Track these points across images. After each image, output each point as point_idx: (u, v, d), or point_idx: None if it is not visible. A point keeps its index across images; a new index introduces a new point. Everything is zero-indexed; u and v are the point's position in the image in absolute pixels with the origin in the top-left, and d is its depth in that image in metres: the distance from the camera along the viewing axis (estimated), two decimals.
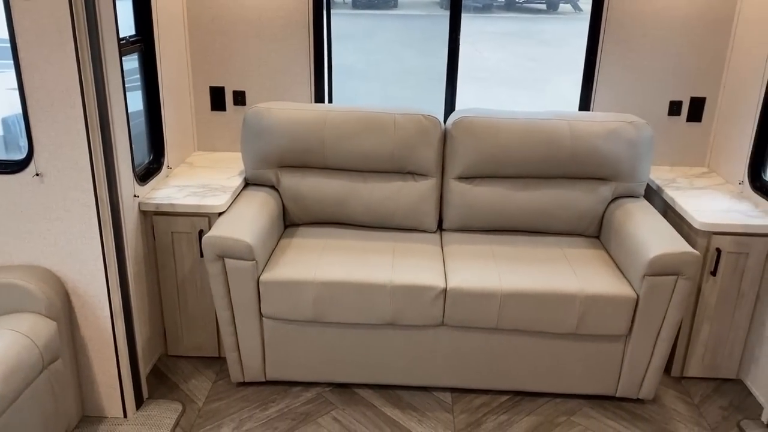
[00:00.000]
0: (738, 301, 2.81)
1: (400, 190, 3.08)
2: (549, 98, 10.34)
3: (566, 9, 17.51)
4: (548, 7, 17.64)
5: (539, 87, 10.98)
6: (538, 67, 12.41)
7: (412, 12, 18.36)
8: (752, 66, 2.98)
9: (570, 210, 3.04)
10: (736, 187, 3.07)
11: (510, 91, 10.68)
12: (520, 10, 17.85)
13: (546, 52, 13.60)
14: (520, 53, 13.39)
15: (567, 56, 13.29)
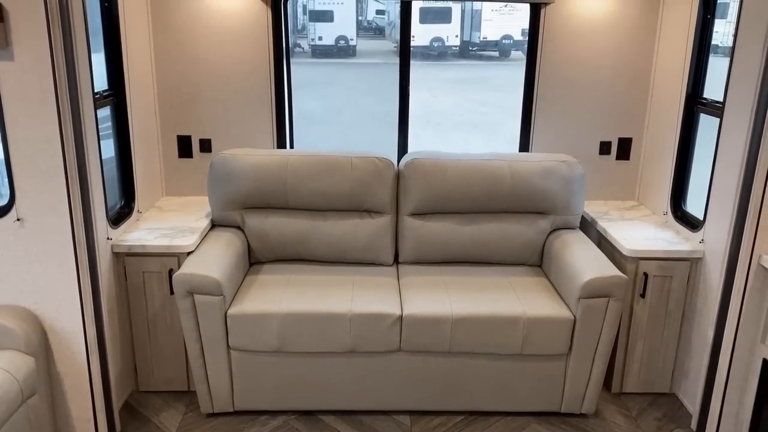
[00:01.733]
0: (666, 320, 3.10)
1: (357, 227, 3.32)
2: (501, 140, 10.83)
3: (517, 56, 18.32)
4: (500, 54, 18.43)
5: (492, 130, 11.49)
6: (491, 111, 12.96)
7: (369, 60, 18.97)
8: (669, 110, 3.35)
9: (513, 241, 3.32)
10: (661, 218, 3.40)
11: (465, 135, 11.13)
12: (474, 57, 18.61)
13: (498, 97, 14.20)
14: (474, 98, 13.96)
15: (518, 101, 13.86)
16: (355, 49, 19.78)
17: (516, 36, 18.15)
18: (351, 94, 14.38)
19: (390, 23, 21.28)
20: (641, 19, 3.44)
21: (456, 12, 17.97)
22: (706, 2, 3.05)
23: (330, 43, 19.14)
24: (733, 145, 2.71)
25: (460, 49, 18.55)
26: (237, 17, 3.43)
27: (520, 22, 17.94)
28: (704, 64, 3.14)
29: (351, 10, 19.20)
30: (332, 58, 18.85)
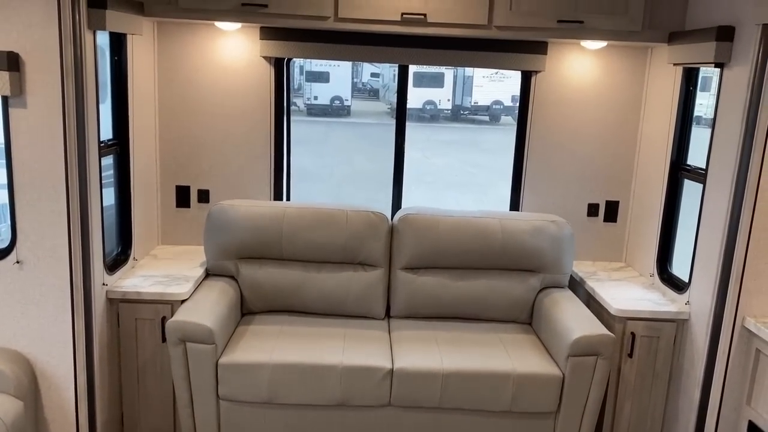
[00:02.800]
0: (654, 380, 3.13)
1: (351, 280, 3.36)
2: (491, 201, 10.99)
3: (507, 121, 18.75)
4: (491, 119, 18.88)
5: (482, 190, 11.68)
6: (480, 173, 13.19)
7: (364, 120, 19.35)
8: (654, 175, 3.47)
9: (503, 298, 3.38)
10: (647, 279, 3.47)
11: (455, 194, 11.30)
12: (465, 121, 19.05)
13: (488, 159, 14.48)
14: (465, 160, 14.22)
15: (507, 163, 14.13)
16: (350, 109, 20.18)
17: (506, 102, 18.62)
18: (344, 152, 14.61)
19: (384, 86, 21.80)
20: (628, 89, 3.60)
21: (448, 77, 18.48)
22: (689, 76, 3.21)
23: (325, 103, 19.53)
24: (716, 210, 2.82)
25: (452, 113, 18.99)
26: (241, 75, 3.56)
27: (510, 88, 18.44)
28: (687, 133, 3.28)
29: (347, 72, 19.68)
30: (327, 117, 19.22)
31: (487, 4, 3.17)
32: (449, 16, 3.18)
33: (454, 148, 15.63)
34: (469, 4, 3.17)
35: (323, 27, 3.23)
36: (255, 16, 3.16)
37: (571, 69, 3.58)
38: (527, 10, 3.17)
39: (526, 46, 3.51)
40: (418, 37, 3.46)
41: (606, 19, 3.17)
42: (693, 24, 3.14)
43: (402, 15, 3.18)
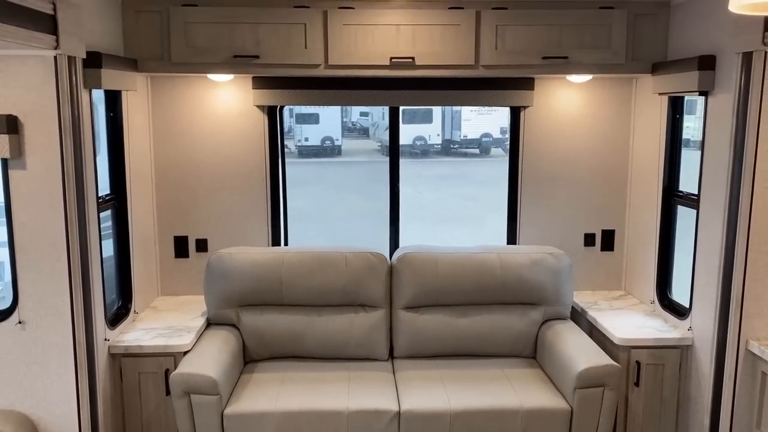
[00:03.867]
0: (662, 408, 3.11)
1: (352, 322, 3.36)
2: (486, 233, 11.02)
3: (498, 153, 18.92)
4: (481, 151, 19.06)
5: (476, 224, 11.72)
6: (474, 206, 13.25)
7: (355, 159, 19.49)
8: (647, 203, 3.51)
9: (506, 333, 3.37)
10: (648, 307, 3.48)
11: (449, 228, 11.33)
12: (456, 154, 19.21)
13: (481, 192, 14.55)
14: (458, 193, 14.29)
15: (500, 195, 14.21)
16: (341, 148, 20.35)
17: (495, 134, 18.81)
18: (337, 192, 14.68)
19: (374, 124, 22.01)
20: (615, 119, 3.67)
21: (437, 113, 18.70)
22: (675, 104, 3.28)
23: (316, 144, 19.70)
24: (711, 235, 2.85)
25: (442, 147, 19.16)
26: (234, 124, 3.61)
27: (498, 120, 18.64)
28: (677, 160, 3.33)
29: (336, 113, 19.90)
30: (318, 157, 19.36)
31: (473, 45, 3.25)
32: (437, 58, 3.26)
33: (446, 182, 15.72)
34: (455, 46, 3.25)
35: (314, 74, 3.30)
36: (247, 67, 3.22)
37: (559, 102, 3.65)
38: (512, 48, 3.25)
39: (513, 82, 3.58)
40: (407, 79, 3.53)
41: (590, 53, 3.25)
42: (675, 54, 3.22)
43: (391, 59, 3.25)
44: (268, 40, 3.22)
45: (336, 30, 3.23)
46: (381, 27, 3.24)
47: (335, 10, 3.22)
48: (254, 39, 3.21)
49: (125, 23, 3.17)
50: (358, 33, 3.24)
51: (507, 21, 3.23)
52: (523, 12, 3.23)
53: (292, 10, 3.21)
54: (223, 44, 3.20)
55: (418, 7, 3.24)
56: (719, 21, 2.82)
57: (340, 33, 3.23)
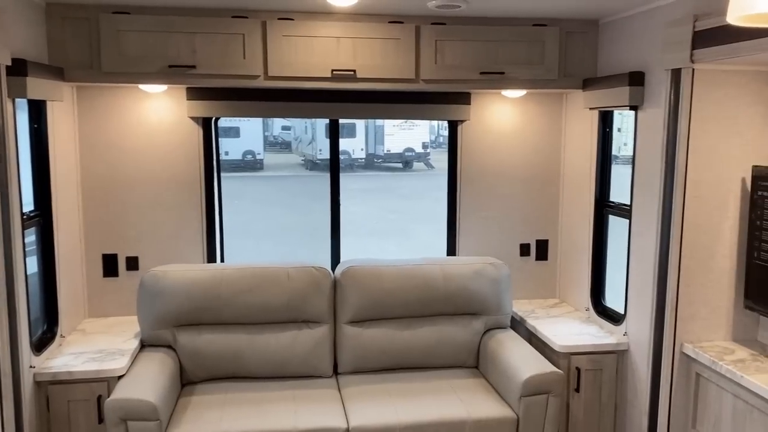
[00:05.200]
0: (600, 412, 3.21)
1: (295, 339, 3.28)
2: (413, 245, 11.12)
3: (420, 167, 19.25)
4: (404, 165, 19.29)
5: (403, 236, 11.80)
6: (399, 218, 13.35)
7: (278, 173, 19.25)
8: (579, 213, 3.63)
9: (450, 344, 3.39)
10: (583, 313, 3.59)
11: (377, 241, 11.35)
12: (380, 168, 19.35)
13: (406, 205, 14.70)
14: (383, 206, 14.37)
15: (424, 207, 14.45)
16: (263, 162, 20.08)
17: (417, 149, 19.13)
18: (261, 207, 14.43)
19: (296, 138, 21.86)
20: (547, 132, 3.79)
21: (360, 127, 18.80)
22: (604, 118, 3.42)
23: (237, 158, 19.33)
24: (645, 243, 2.98)
25: (366, 161, 19.26)
26: (167, 136, 3.48)
27: (419, 136, 18.99)
28: (608, 171, 3.48)
29: (257, 126, 19.63)
30: (240, 172, 18.99)
31: (413, 59, 3.28)
32: (378, 71, 3.26)
33: (371, 196, 15.78)
34: (396, 59, 3.26)
35: (253, 86, 3.22)
36: (183, 77, 3.11)
37: (495, 117, 3.73)
38: (451, 63, 3.30)
39: (451, 97, 3.63)
40: (347, 92, 3.51)
41: (525, 69, 3.35)
42: (604, 71, 3.36)
43: (332, 71, 3.22)
44: (204, 49, 3.12)
45: (276, 41, 3.18)
46: (321, 39, 3.21)
47: (274, 20, 3.17)
48: (190, 48, 3.11)
49: (50, 30, 3.00)
50: (298, 44, 3.20)
51: (445, 36, 3.28)
52: (460, 28, 3.29)
53: (229, 20, 3.14)
54: (157, 53, 3.08)
55: (359, 20, 3.24)
56: (647, 39, 2.97)
57: (279, 44, 3.18)
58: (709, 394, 2.65)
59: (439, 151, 22.26)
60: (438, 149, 22.53)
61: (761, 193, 2.60)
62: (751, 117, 2.68)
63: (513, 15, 3.28)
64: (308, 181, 18.25)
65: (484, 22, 3.31)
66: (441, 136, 23.12)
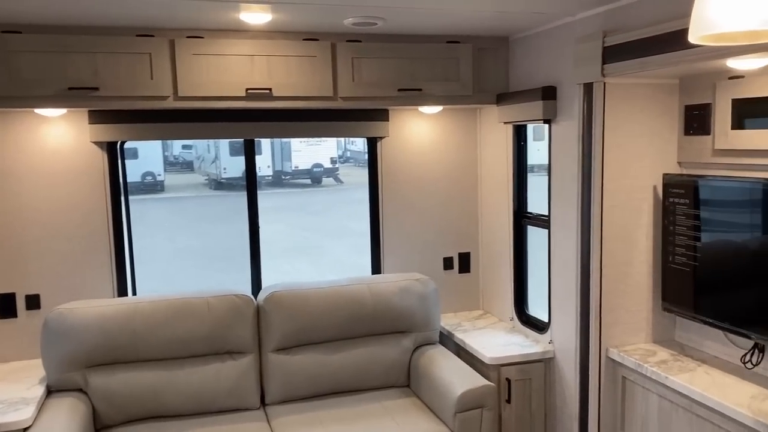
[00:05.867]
0: (532, 422, 3.25)
1: (219, 372, 3.12)
2: (328, 262, 11.01)
3: (329, 182, 19.18)
4: (312, 181, 19.15)
5: (317, 253, 11.67)
6: (312, 236, 13.21)
7: (180, 194, 18.60)
8: (498, 224, 3.70)
9: (380, 364, 3.34)
10: (508, 324, 3.65)
11: (291, 260, 11.16)
12: (288, 185, 19.11)
13: (317, 222, 14.58)
14: (294, 224, 14.18)
15: (336, 223, 14.39)
16: (164, 184, 19.37)
17: (326, 164, 19.06)
18: (164, 231, 13.86)
19: (198, 157, 21.24)
20: (464, 147, 3.83)
21: (266, 144, 18.53)
22: (519, 131, 3.50)
23: (136, 180, 18.54)
24: (566, 252, 3.05)
25: (274, 179, 18.97)
26: (68, 163, 3.24)
27: (327, 151, 18.94)
28: (524, 183, 3.56)
29: (157, 146, 18.92)
30: (139, 194, 18.21)
31: (331, 77, 3.23)
32: (295, 90, 3.18)
33: (281, 214, 15.54)
34: (313, 77, 3.20)
35: (162, 107, 3.06)
36: (85, 100, 2.91)
37: (413, 133, 3.74)
38: (369, 81, 3.27)
39: (370, 114, 3.61)
40: (263, 111, 3.41)
41: (441, 85, 3.37)
42: (516, 86, 3.44)
43: (247, 90, 3.12)
44: (108, 70, 2.94)
45: (185, 60, 3.03)
46: (234, 57, 3.10)
47: (183, 39, 3.03)
48: (91, 69, 2.92)
49: None
50: (209, 63, 3.07)
51: (362, 54, 3.25)
52: (376, 45, 3.27)
53: (134, 39, 2.96)
54: (55, 75, 2.86)
55: (273, 37, 3.16)
56: (557, 54, 3.07)
57: (189, 63, 3.04)
58: (636, 396, 2.73)
59: (347, 166, 22.34)
60: (346, 164, 22.61)
61: (672, 199, 2.72)
62: (659, 127, 2.81)
63: (427, 32, 3.30)
64: (214, 201, 17.75)
65: (399, 40, 3.31)
66: (348, 151, 23.23)
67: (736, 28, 0.87)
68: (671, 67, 2.35)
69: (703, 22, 0.93)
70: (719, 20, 0.89)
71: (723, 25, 0.90)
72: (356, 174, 21.62)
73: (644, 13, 2.53)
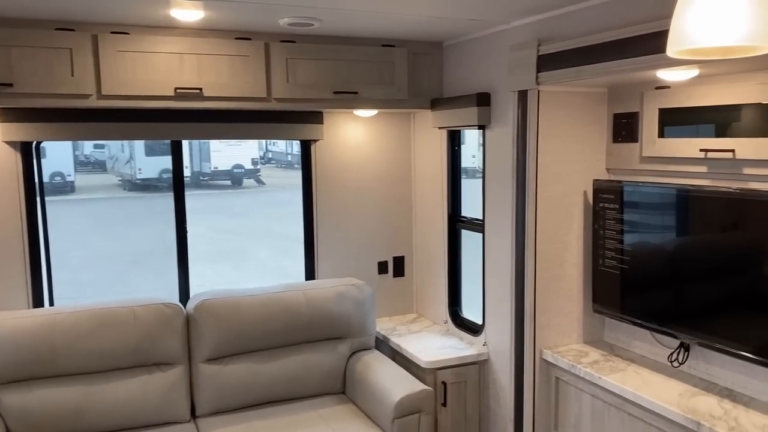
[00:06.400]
0: (466, 424, 3.28)
1: (147, 385, 2.97)
2: (253, 266, 10.77)
3: (250, 184, 18.79)
4: (233, 183, 18.70)
5: (240, 257, 11.39)
6: (234, 239, 12.90)
7: (92, 196, 17.74)
8: (432, 228, 3.72)
9: (316, 372, 3.28)
10: (442, 327, 3.67)
11: (212, 265, 10.85)
12: (208, 187, 18.58)
13: (239, 224, 14.25)
14: (214, 227, 13.80)
15: (258, 226, 14.13)
16: (74, 185, 18.43)
17: (247, 165, 18.66)
18: (75, 235, 13.17)
19: (112, 157, 20.32)
20: (397, 151, 3.83)
21: (184, 144, 17.97)
22: (453, 136, 3.54)
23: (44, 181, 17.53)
24: (501, 256, 3.10)
25: (192, 180, 18.39)
26: None
27: (248, 152, 18.55)
28: (458, 187, 3.59)
29: (67, 145, 17.95)
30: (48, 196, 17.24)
31: (264, 77, 3.14)
32: (227, 90, 3.08)
33: (200, 216, 15.08)
34: (246, 78, 3.11)
35: (85, 106, 2.89)
36: None
37: (347, 136, 3.70)
38: (304, 82, 3.21)
39: (304, 116, 3.54)
40: (192, 111, 3.28)
41: (377, 89, 3.35)
42: (450, 91, 3.47)
43: (176, 90, 2.99)
44: (23, 65, 2.74)
45: (109, 57, 2.87)
46: (162, 55, 2.96)
47: (107, 35, 2.87)
48: (6, 64, 2.71)
49: None
50: (136, 61, 2.92)
51: (297, 54, 3.19)
52: (311, 46, 3.21)
53: (53, 33, 2.78)
54: None
55: (203, 35, 3.04)
56: (491, 61, 3.12)
57: (114, 60, 2.88)
58: (569, 396, 2.81)
59: (269, 167, 21.96)
60: (268, 165, 22.23)
61: (602, 204, 2.82)
62: (589, 134, 2.90)
63: (363, 35, 3.27)
64: (128, 203, 17.03)
65: (335, 42, 3.27)
66: (270, 152, 22.86)
67: (713, 43, 0.90)
68: (607, 76, 2.42)
69: (682, 37, 0.95)
70: (697, 36, 0.92)
71: (701, 40, 0.92)
72: (278, 175, 21.32)
73: (578, 24, 2.61)
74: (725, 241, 2.31)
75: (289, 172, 22.22)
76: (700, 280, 2.41)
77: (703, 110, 2.44)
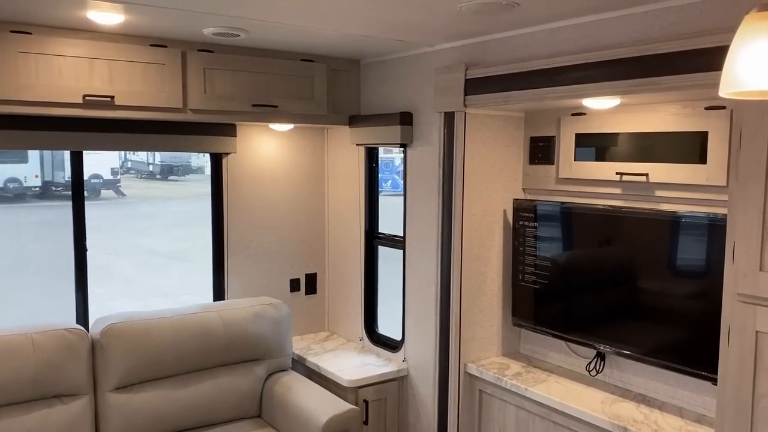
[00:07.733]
0: None
1: (46, 419, 2.68)
2: (116, 285, 10.11)
3: (109, 195, 17.62)
4: (90, 194, 17.41)
5: (104, 273, 10.63)
6: (95, 254, 12.00)
7: None
8: (348, 244, 3.70)
9: (232, 395, 3.13)
10: (358, 344, 3.66)
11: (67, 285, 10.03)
12: (60, 198, 17.16)
13: (98, 238, 13.29)
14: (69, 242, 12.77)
15: (120, 240, 13.30)
16: None
17: (105, 175, 17.49)
18: None
19: None
20: (311, 166, 3.78)
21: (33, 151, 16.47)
22: (370, 154, 3.56)
23: None
24: (424, 272, 3.15)
25: (43, 190, 16.89)
26: None
27: (108, 161, 17.41)
28: (376, 204, 3.61)
29: None
30: None
31: (180, 87, 2.99)
32: (140, 99, 2.89)
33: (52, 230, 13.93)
34: (161, 87, 2.93)
35: None
36: None
37: (261, 150, 3.60)
38: (222, 94, 3.09)
39: (217, 128, 3.40)
40: (97, 120, 3.03)
41: (296, 103, 3.30)
42: (367, 109, 3.50)
43: (84, 97, 2.75)
44: None
45: (9, 58, 2.60)
46: (70, 59, 2.73)
47: (6, 33, 2.59)
48: None
49: None
50: (39, 64, 2.66)
51: (214, 65, 3.06)
52: (229, 57, 3.10)
53: None
54: None
55: (115, 40, 2.83)
56: (413, 82, 3.18)
57: (14, 62, 2.61)
58: (493, 408, 2.91)
59: (128, 177, 20.71)
60: (127, 175, 20.97)
61: (522, 222, 2.97)
62: (508, 156, 3.04)
63: (282, 48, 3.21)
64: None
65: (254, 53, 3.18)
66: (129, 161, 21.61)
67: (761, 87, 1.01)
68: (535, 102, 2.57)
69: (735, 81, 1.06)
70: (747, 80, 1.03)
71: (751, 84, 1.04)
72: (139, 186, 20.23)
73: (501, 51, 2.74)
74: (620, 254, 2.54)
75: (151, 183, 21.14)
76: (602, 292, 2.62)
77: (618, 136, 2.65)
